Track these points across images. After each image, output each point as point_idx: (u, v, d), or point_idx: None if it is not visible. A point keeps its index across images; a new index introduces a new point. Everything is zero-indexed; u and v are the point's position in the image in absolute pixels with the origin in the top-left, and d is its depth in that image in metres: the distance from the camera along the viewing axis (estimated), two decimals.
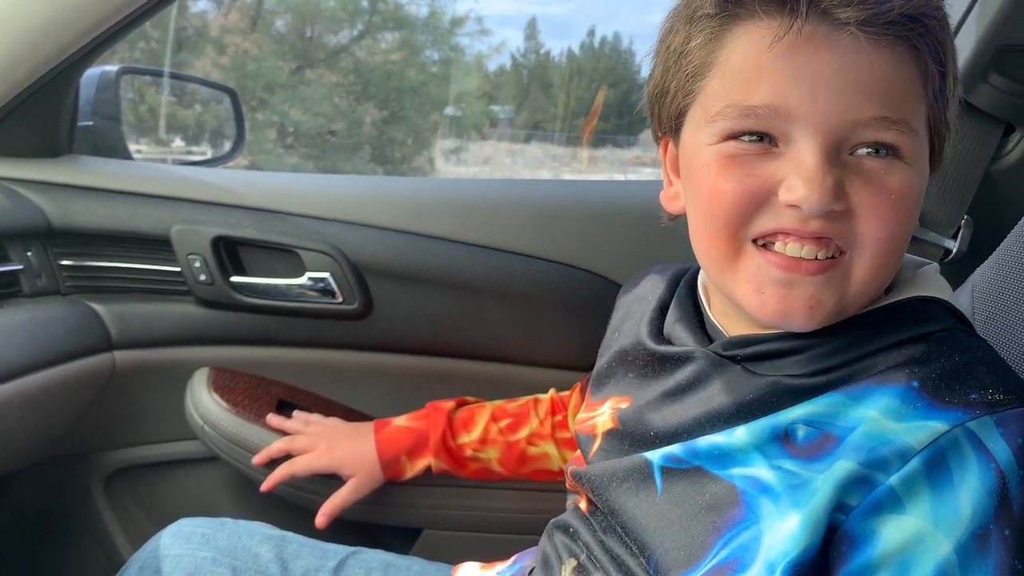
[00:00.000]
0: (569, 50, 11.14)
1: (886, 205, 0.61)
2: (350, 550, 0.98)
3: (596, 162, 10.32)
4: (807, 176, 0.59)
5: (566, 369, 1.25)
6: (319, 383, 1.27)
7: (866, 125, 0.60)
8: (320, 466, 1.11)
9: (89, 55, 1.13)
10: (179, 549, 0.92)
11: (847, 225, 0.61)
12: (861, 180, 0.61)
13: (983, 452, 0.56)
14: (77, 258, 1.21)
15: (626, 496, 0.69)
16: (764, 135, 0.62)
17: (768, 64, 0.60)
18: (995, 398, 0.58)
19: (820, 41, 0.59)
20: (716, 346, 0.69)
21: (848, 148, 0.61)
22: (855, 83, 0.59)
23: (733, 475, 0.63)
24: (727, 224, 0.63)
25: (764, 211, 0.62)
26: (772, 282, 0.62)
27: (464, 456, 1.09)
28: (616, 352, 0.81)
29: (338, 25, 8.55)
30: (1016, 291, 0.81)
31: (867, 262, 0.62)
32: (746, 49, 0.62)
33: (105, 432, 1.26)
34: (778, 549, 0.59)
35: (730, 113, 0.62)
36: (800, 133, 0.60)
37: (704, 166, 0.64)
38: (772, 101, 0.60)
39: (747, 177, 0.62)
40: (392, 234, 1.23)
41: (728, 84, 0.63)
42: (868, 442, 0.59)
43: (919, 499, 0.57)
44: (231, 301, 1.22)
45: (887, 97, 0.60)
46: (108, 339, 1.20)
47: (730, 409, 0.65)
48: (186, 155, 6.11)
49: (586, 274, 1.25)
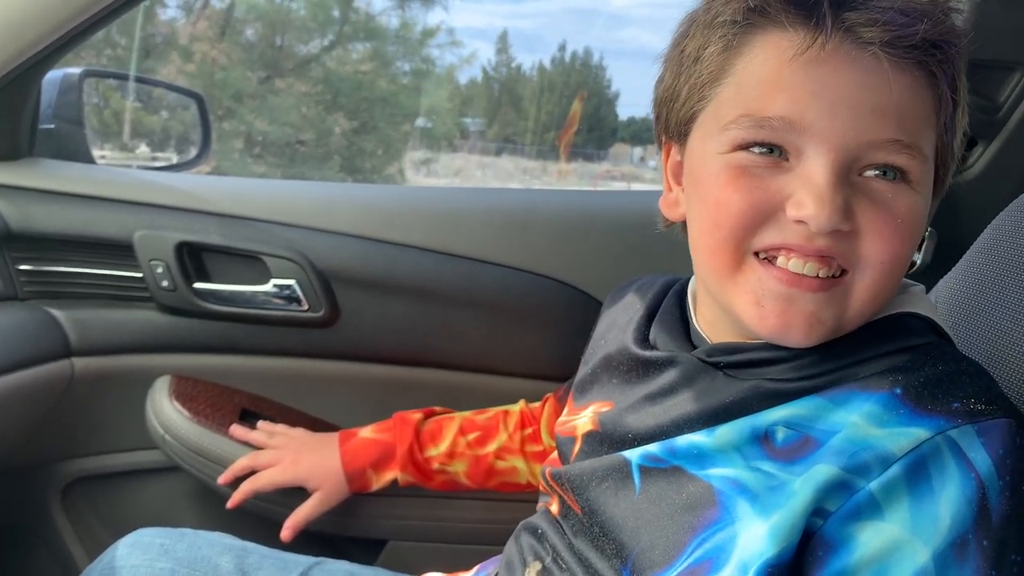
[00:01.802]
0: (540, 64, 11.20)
1: (892, 228, 0.61)
2: (313, 561, 0.96)
3: (567, 175, 10.36)
4: (817, 193, 0.59)
5: (535, 379, 1.24)
6: (284, 392, 1.25)
7: (879, 147, 0.60)
8: (284, 480, 1.09)
9: (51, 57, 1.11)
10: (136, 560, 0.90)
11: (851, 245, 0.61)
12: (868, 202, 0.60)
13: (963, 461, 0.56)
14: (36, 263, 1.19)
15: (605, 495, 0.69)
16: (776, 147, 0.61)
17: (788, 76, 0.60)
18: (977, 408, 0.58)
19: (842, 58, 0.59)
20: (700, 352, 0.69)
21: (858, 169, 0.61)
22: (873, 104, 0.59)
23: (711, 475, 0.63)
24: (731, 235, 0.63)
25: (770, 225, 0.61)
26: (773, 296, 0.62)
27: (431, 469, 1.08)
28: (601, 359, 0.81)
29: (308, 35, 8.52)
30: (978, 301, 0.82)
31: (868, 283, 0.62)
32: (766, 59, 0.61)
33: (63, 441, 1.23)
34: (752, 550, 0.58)
35: (744, 123, 0.62)
36: (813, 149, 0.60)
37: (712, 175, 0.64)
38: (789, 114, 0.60)
39: (756, 190, 0.61)
40: (359, 241, 1.22)
41: (744, 93, 0.62)
42: (849, 447, 0.59)
43: (898, 506, 0.57)
44: (194, 308, 1.20)
45: (902, 120, 0.60)
46: (67, 345, 1.18)
47: (710, 410, 0.65)
48: (151, 161, 6.03)
49: (555, 283, 1.25)
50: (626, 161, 11.48)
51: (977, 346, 0.79)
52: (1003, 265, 0.81)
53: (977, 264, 0.85)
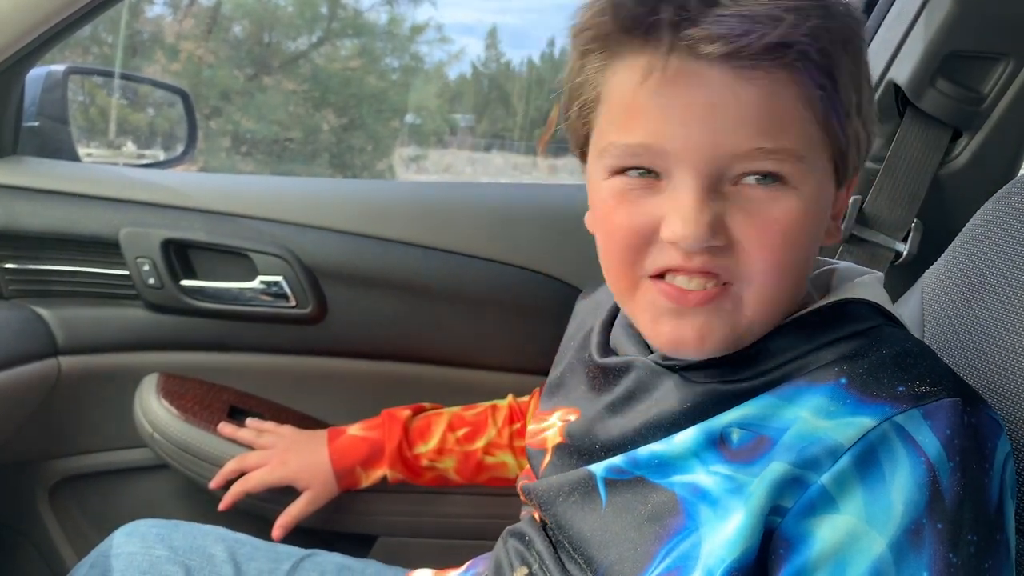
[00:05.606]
0: (529, 60, 11.18)
1: (770, 236, 0.60)
2: (305, 552, 0.97)
3: (556, 171, 10.36)
4: (683, 214, 0.58)
5: (523, 373, 1.24)
6: (272, 389, 1.25)
7: (743, 157, 0.59)
8: (274, 480, 1.09)
9: (34, 53, 1.11)
10: (133, 548, 0.91)
11: (731, 258, 0.60)
12: (743, 213, 0.59)
13: (912, 446, 0.56)
14: (21, 261, 1.18)
15: (572, 510, 0.69)
16: (648, 169, 0.61)
17: (642, 102, 0.59)
18: (922, 390, 0.58)
19: (689, 77, 0.58)
20: (656, 356, 0.69)
21: (731, 180, 0.60)
22: (726, 117, 0.58)
23: (673, 483, 0.63)
24: (622, 259, 0.63)
25: (652, 248, 0.61)
26: (666, 312, 0.62)
27: (420, 466, 1.08)
28: (568, 363, 0.81)
29: (296, 31, 8.48)
30: (964, 292, 0.83)
31: (756, 292, 0.61)
32: (622, 85, 0.61)
33: (50, 440, 1.22)
34: (716, 555, 0.59)
35: (613, 151, 0.62)
36: (677, 170, 0.59)
37: (601, 200, 0.64)
38: (647, 140, 0.60)
39: (636, 215, 0.61)
40: (346, 237, 1.21)
41: (612, 120, 0.62)
42: (799, 442, 0.58)
43: (851, 497, 0.56)
44: (181, 305, 1.19)
45: (761, 127, 0.58)
46: (53, 344, 1.17)
47: (669, 418, 0.65)
48: (138, 158, 6.00)
49: (543, 277, 1.25)
50: None
51: (964, 335, 0.80)
52: (989, 255, 0.81)
53: (963, 254, 0.86)
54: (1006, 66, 1.10)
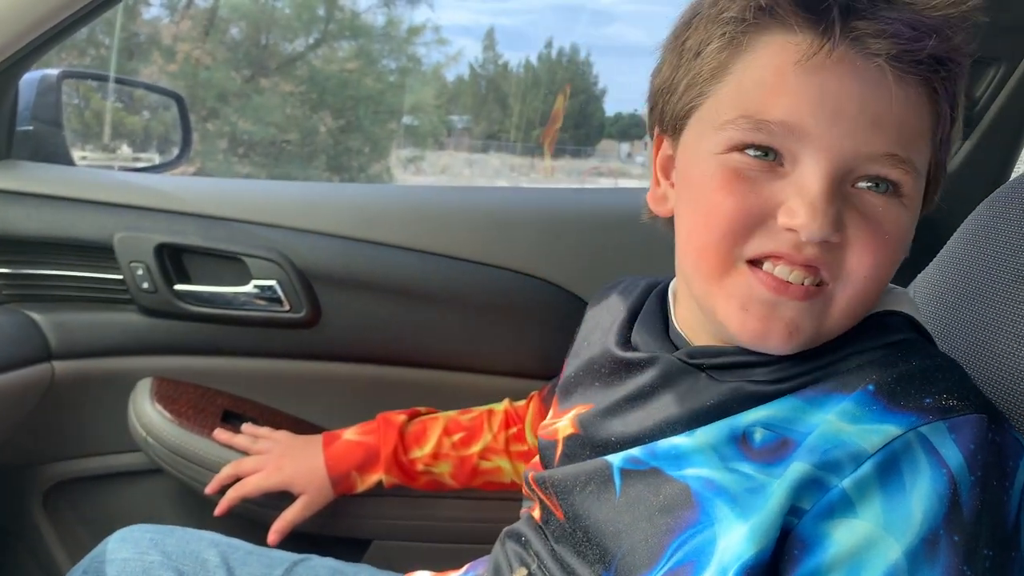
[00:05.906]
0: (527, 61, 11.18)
1: (879, 243, 0.60)
2: (298, 557, 0.97)
3: (554, 172, 10.35)
4: (810, 202, 0.58)
5: (519, 377, 1.24)
6: (266, 393, 1.25)
7: (875, 160, 0.59)
8: (269, 485, 1.09)
9: (28, 58, 1.11)
10: (127, 553, 0.91)
11: (837, 257, 0.60)
12: (859, 215, 0.60)
13: (935, 457, 0.56)
14: (15, 266, 1.18)
15: (589, 500, 0.69)
16: (771, 151, 0.60)
17: (791, 81, 0.59)
18: (949, 404, 0.58)
19: (847, 68, 0.58)
20: (682, 353, 0.69)
21: (852, 180, 0.60)
22: (874, 116, 0.58)
23: (687, 475, 0.63)
24: (722, 239, 0.62)
25: (760, 232, 0.61)
26: (758, 301, 0.61)
27: (416, 471, 1.08)
28: (584, 361, 0.80)
29: (293, 33, 8.48)
30: (957, 295, 0.83)
31: (849, 295, 0.61)
32: (770, 61, 0.60)
33: (44, 444, 1.22)
34: (732, 552, 0.58)
35: (742, 124, 0.60)
36: (810, 157, 0.59)
37: (706, 176, 0.63)
38: (789, 119, 0.59)
39: (749, 194, 0.60)
40: (340, 241, 1.21)
41: (744, 94, 0.61)
42: (822, 444, 0.58)
43: (870, 503, 0.56)
44: (175, 310, 1.19)
45: (900, 134, 0.59)
46: (47, 349, 1.17)
47: (691, 412, 0.65)
48: (133, 162, 5.99)
49: (539, 282, 1.25)
50: (613, 157, 11.47)
51: (957, 338, 0.80)
52: (981, 258, 0.82)
53: (955, 257, 0.86)
54: (997, 70, 1.10)
